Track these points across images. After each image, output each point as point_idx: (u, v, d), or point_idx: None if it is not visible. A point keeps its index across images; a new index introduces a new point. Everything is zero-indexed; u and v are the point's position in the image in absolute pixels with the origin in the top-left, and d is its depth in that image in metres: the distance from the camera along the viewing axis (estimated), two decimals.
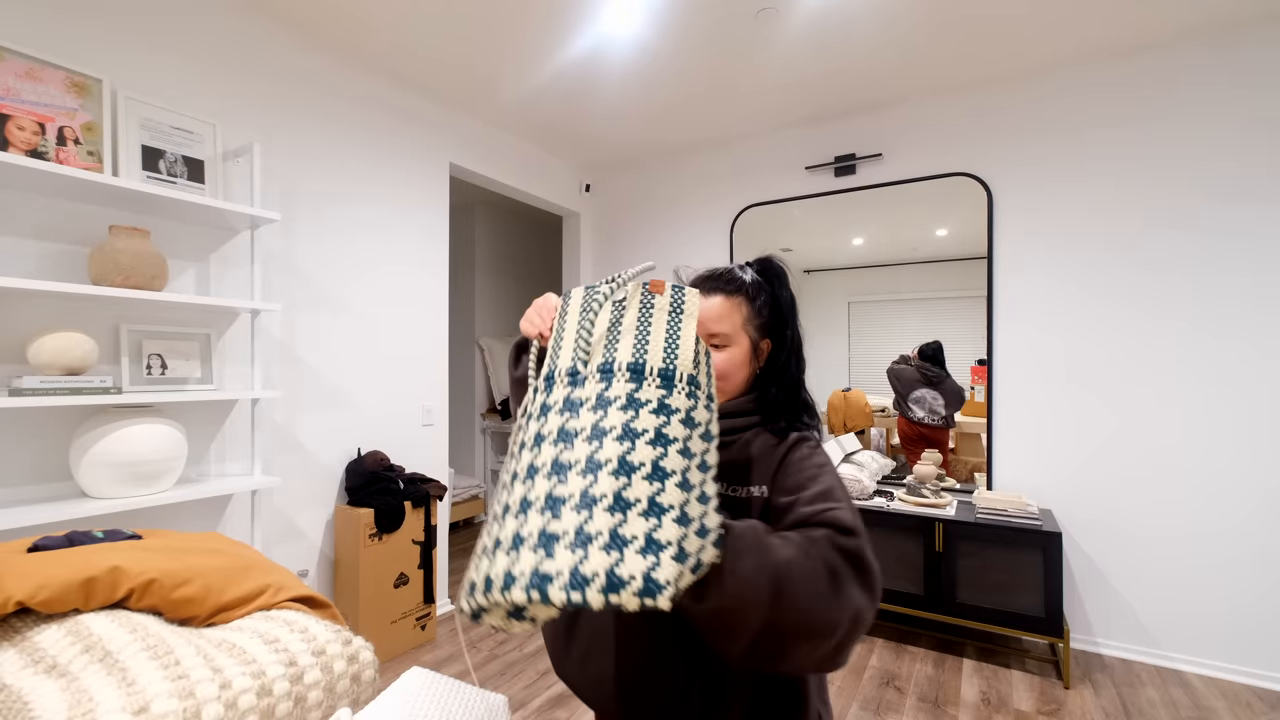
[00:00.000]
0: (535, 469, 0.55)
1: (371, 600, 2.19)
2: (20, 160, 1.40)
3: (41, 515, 1.43)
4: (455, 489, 3.96)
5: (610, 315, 0.65)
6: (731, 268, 0.89)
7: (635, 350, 0.62)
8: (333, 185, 2.30)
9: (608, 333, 0.64)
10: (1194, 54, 2.20)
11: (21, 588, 0.74)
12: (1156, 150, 2.27)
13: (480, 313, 4.44)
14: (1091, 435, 2.37)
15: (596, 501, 0.50)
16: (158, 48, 1.81)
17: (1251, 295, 2.12)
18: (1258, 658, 2.10)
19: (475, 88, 2.61)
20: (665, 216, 3.46)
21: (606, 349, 0.63)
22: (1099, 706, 1.96)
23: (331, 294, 2.30)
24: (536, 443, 0.57)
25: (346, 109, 2.35)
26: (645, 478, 0.51)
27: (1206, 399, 2.18)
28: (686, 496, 0.52)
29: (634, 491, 0.50)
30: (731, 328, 0.83)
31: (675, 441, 0.55)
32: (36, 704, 0.61)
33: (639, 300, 0.66)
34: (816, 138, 2.98)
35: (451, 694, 0.73)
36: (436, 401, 2.74)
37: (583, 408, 0.58)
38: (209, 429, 1.93)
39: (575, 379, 0.61)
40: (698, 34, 2.20)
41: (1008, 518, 2.22)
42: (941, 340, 2.69)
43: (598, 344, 0.64)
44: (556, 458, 0.54)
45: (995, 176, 2.56)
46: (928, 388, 2.71)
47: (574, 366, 0.62)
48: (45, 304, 1.59)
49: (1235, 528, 2.13)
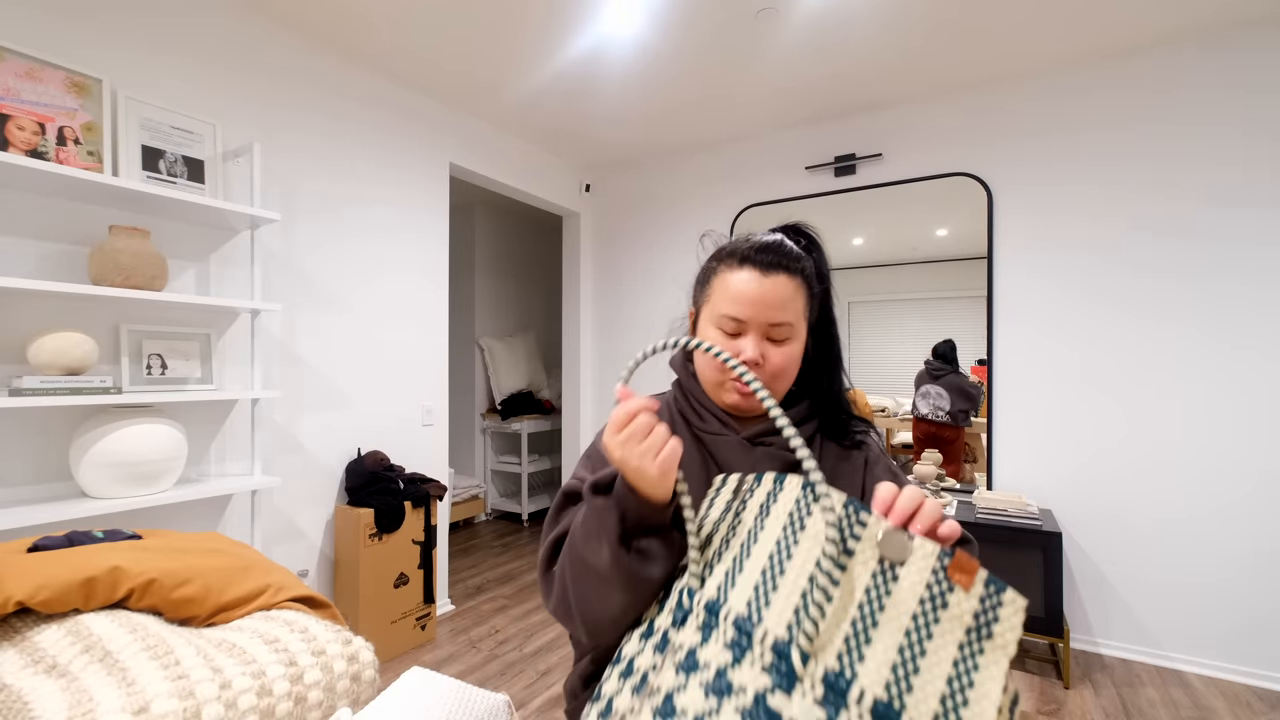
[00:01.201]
0: None
1: (371, 600, 2.19)
2: (20, 160, 1.40)
3: (41, 515, 1.42)
4: (455, 489, 3.96)
5: (835, 573, 0.42)
6: (781, 239, 0.75)
7: (896, 681, 0.39)
8: (333, 185, 2.30)
9: (832, 605, 0.42)
10: (1195, 55, 2.20)
11: (21, 588, 0.74)
12: (1156, 152, 2.27)
13: (480, 313, 4.44)
14: (1092, 435, 2.37)
15: None
16: (158, 48, 1.81)
17: (1251, 298, 2.12)
18: (1258, 658, 2.10)
19: (476, 87, 2.61)
20: (665, 217, 3.46)
21: (844, 650, 0.40)
22: (1099, 706, 1.96)
23: (332, 294, 2.30)
24: (660, 714, 0.41)
25: (347, 108, 2.35)
26: None
27: (1207, 399, 2.18)
28: None
29: None
30: (795, 316, 0.71)
31: None
32: (36, 704, 0.61)
33: (926, 584, 0.42)
34: (816, 138, 2.97)
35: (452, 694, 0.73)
36: (436, 401, 2.74)
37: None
38: (209, 429, 1.93)
39: (778, 659, 0.40)
40: (698, 34, 2.20)
41: (1008, 518, 2.22)
42: (949, 338, 2.67)
43: (832, 629, 0.41)
44: None
45: (995, 177, 2.56)
46: (932, 383, 2.71)
47: (780, 640, 0.41)
48: (45, 304, 1.59)
49: (1235, 527, 2.13)
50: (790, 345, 0.71)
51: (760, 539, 0.48)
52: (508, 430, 4.28)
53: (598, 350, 3.69)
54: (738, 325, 0.71)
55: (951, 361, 2.66)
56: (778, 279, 0.70)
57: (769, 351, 0.71)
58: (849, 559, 0.43)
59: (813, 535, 0.45)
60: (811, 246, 0.78)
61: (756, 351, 0.70)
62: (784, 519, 0.48)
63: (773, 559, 0.46)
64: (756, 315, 0.70)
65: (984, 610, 0.40)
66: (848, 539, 0.44)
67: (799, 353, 0.73)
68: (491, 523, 4.31)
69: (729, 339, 0.72)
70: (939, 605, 0.41)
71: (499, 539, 3.87)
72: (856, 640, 0.40)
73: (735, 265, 0.72)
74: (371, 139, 2.44)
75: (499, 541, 3.81)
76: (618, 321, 3.61)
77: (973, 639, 0.40)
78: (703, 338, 0.74)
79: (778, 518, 0.49)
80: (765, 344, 0.71)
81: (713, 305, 0.74)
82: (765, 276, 0.70)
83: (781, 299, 0.70)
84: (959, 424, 2.65)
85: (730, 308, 0.71)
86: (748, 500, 0.53)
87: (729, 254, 0.74)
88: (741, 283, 0.71)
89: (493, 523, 4.31)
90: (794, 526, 0.47)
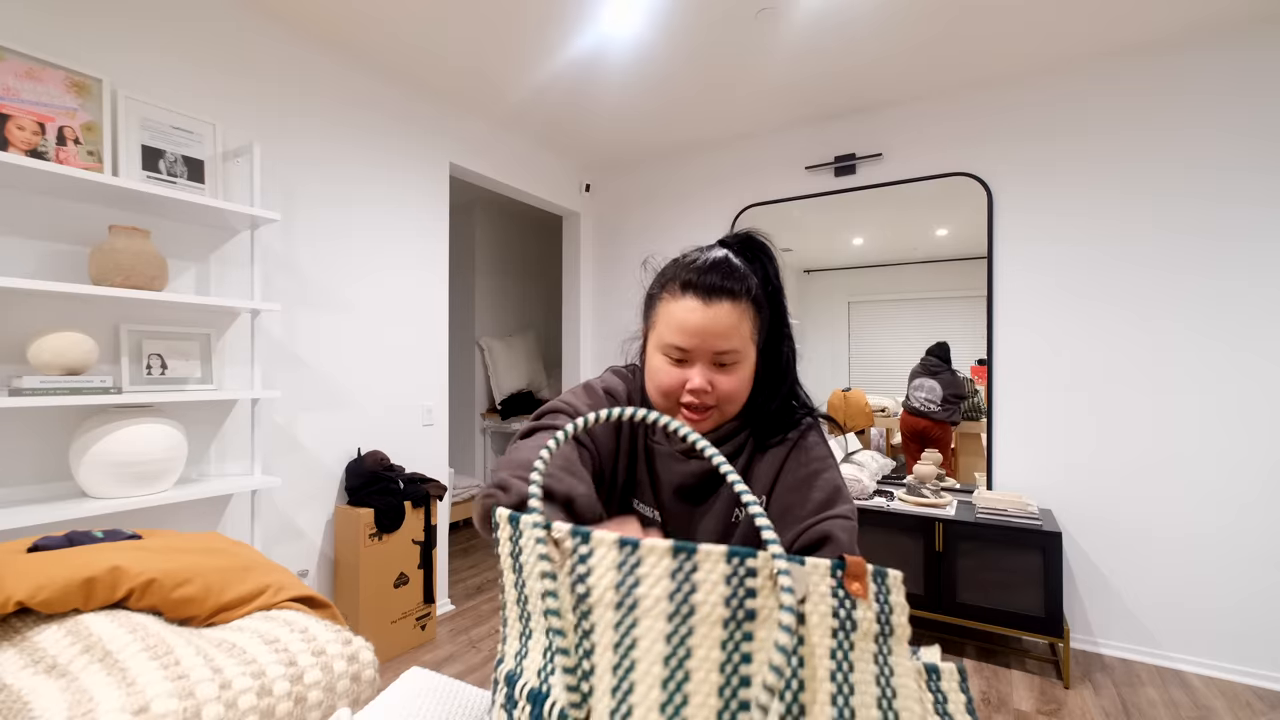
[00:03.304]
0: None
1: (371, 600, 2.19)
2: (20, 160, 1.40)
3: (41, 515, 1.43)
4: (455, 489, 3.96)
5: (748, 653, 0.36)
6: (725, 256, 0.72)
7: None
8: (333, 185, 2.30)
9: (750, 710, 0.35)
10: (1196, 55, 2.20)
11: (21, 587, 0.74)
12: (1157, 151, 2.27)
13: (480, 313, 4.44)
14: (1091, 435, 2.37)
15: None
16: (158, 47, 1.81)
17: (1251, 297, 2.12)
18: (1258, 658, 2.10)
19: (476, 87, 2.61)
20: (665, 216, 3.46)
21: None
22: (1099, 706, 1.96)
23: (332, 294, 2.30)
24: None
25: (347, 109, 2.35)
26: None
27: (1208, 398, 2.18)
28: None
29: None
30: (742, 341, 0.70)
31: None
32: (36, 704, 0.61)
33: (833, 612, 0.38)
34: (816, 137, 2.97)
35: (451, 694, 0.73)
36: (436, 401, 2.74)
37: None
38: (209, 429, 1.93)
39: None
40: (698, 34, 2.20)
41: (1008, 518, 2.22)
42: (943, 340, 2.69)
43: None
44: None
45: (995, 176, 2.56)
46: (925, 377, 2.72)
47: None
48: (45, 304, 1.59)
49: (1235, 527, 2.13)
50: (739, 369, 0.71)
51: (639, 646, 0.37)
52: (508, 430, 4.28)
53: (598, 350, 3.69)
54: (683, 354, 0.70)
55: (946, 362, 2.67)
56: (720, 307, 0.68)
57: (716, 379, 0.70)
58: (752, 623, 0.36)
59: (708, 619, 0.36)
60: (759, 257, 0.76)
61: (704, 380, 0.69)
62: (663, 603, 0.37)
63: (671, 667, 0.36)
64: (701, 344, 0.69)
65: (881, 609, 0.39)
66: (750, 600, 0.36)
67: (748, 374, 0.72)
68: None
69: (675, 365, 0.71)
70: (850, 630, 0.38)
71: None
72: (795, 708, 0.36)
73: (678, 292, 0.70)
74: (371, 139, 2.44)
75: None
76: (618, 321, 3.61)
77: (881, 644, 0.39)
78: (650, 363, 0.75)
79: (652, 605, 0.37)
80: (712, 371, 0.70)
81: (658, 333, 0.73)
82: (708, 306, 0.68)
83: (725, 327, 0.68)
84: (949, 420, 2.65)
85: (675, 337, 0.70)
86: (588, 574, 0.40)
87: (670, 279, 0.72)
88: (685, 312, 0.69)
89: None
90: (681, 614, 0.36)
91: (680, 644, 0.36)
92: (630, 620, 0.37)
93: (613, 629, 0.38)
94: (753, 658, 0.35)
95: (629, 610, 0.37)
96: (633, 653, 0.37)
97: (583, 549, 0.40)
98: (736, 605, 0.36)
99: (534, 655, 0.43)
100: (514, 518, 0.45)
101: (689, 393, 0.70)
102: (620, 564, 0.38)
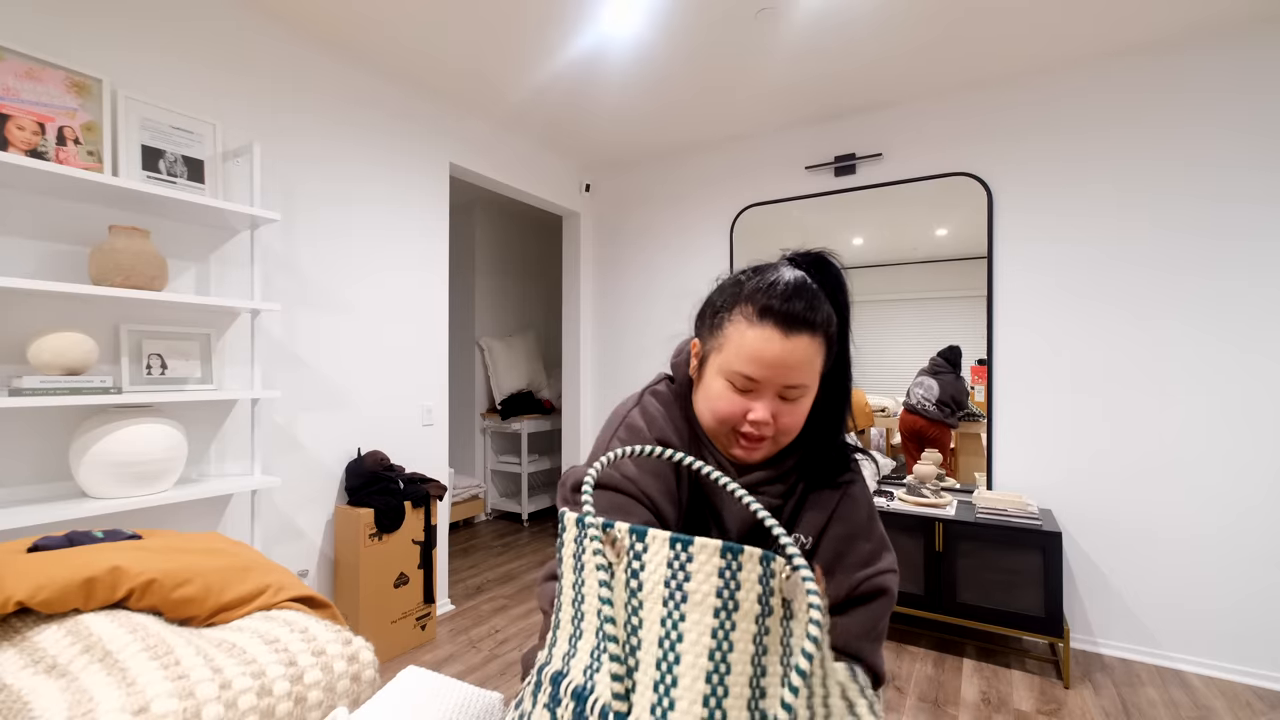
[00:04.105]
0: None
1: (371, 600, 2.19)
2: (20, 160, 1.40)
3: (41, 515, 1.43)
4: (455, 489, 3.96)
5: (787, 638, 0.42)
6: (804, 280, 0.67)
7: None
8: (333, 185, 2.30)
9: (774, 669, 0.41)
10: (1197, 55, 2.20)
11: (21, 587, 0.74)
12: (1158, 151, 2.26)
13: (480, 313, 4.44)
14: (1091, 435, 2.37)
15: None
16: (158, 47, 1.81)
17: (1251, 297, 2.12)
18: (1258, 658, 2.10)
19: (476, 87, 2.61)
20: (665, 216, 3.46)
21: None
22: (1099, 706, 1.96)
23: (332, 294, 2.30)
24: None
25: (347, 108, 2.35)
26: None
27: (1207, 399, 2.18)
28: None
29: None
30: (812, 376, 0.67)
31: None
32: (36, 704, 0.61)
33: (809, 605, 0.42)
34: (816, 137, 2.97)
35: (448, 692, 0.73)
36: (436, 401, 2.74)
37: None
38: (209, 429, 1.93)
39: None
40: (698, 34, 2.20)
41: (1008, 518, 2.22)
42: (955, 344, 2.68)
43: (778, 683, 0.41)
44: None
45: (995, 176, 2.56)
46: (928, 375, 2.72)
47: None
48: (45, 304, 1.59)
49: (1235, 527, 2.13)
50: (802, 402, 0.68)
51: (685, 635, 0.40)
52: (508, 430, 4.28)
53: (598, 350, 3.69)
54: (751, 384, 0.66)
55: (955, 365, 2.67)
56: (799, 340, 0.64)
57: (780, 411, 0.67)
58: (770, 618, 0.41)
59: (749, 615, 0.40)
60: (835, 283, 0.71)
61: (768, 413, 0.66)
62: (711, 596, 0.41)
63: (714, 657, 0.40)
64: (773, 377, 0.65)
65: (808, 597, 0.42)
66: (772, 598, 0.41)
67: (808, 406, 0.69)
68: (491, 523, 4.31)
69: (738, 394, 0.68)
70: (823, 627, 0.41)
71: (499, 539, 3.87)
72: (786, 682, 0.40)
73: (754, 318, 0.66)
74: (371, 139, 2.44)
75: (499, 541, 3.81)
76: (618, 321, 3.61)
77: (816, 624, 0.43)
78: (708, 385, 0.71)
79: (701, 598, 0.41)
80: (777, 402, 0.67)
81: (724, 357, 0.68)
82: (787, 338, 0.64)
83: (801, 360, 0.64)
84: (944, 419, 2.65)
85: (746, 367, 0.66)
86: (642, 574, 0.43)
87: (747, 299, 0.67)
88: (762, 342, 0.64)
89: (493, 523, 4.31)
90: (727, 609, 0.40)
91: (725, 638, 0.39)
92: (679, 614, 0.40)
93: (660, 624, 0.40)
94: (769, 649, 0.40)
95: (678, 604, 0.40)
96: (679, 646, 0.39)
97: (639, 546, 0.43)
98: (763, 601, 0.40)
99: (581, 655, 0.45)
100: (580, 520, 0.47)
101: (750, 424, 0.67)
102: (672, 561, 0.41)
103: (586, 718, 0.42)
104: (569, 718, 0.43)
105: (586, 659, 0.45)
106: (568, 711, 0.43)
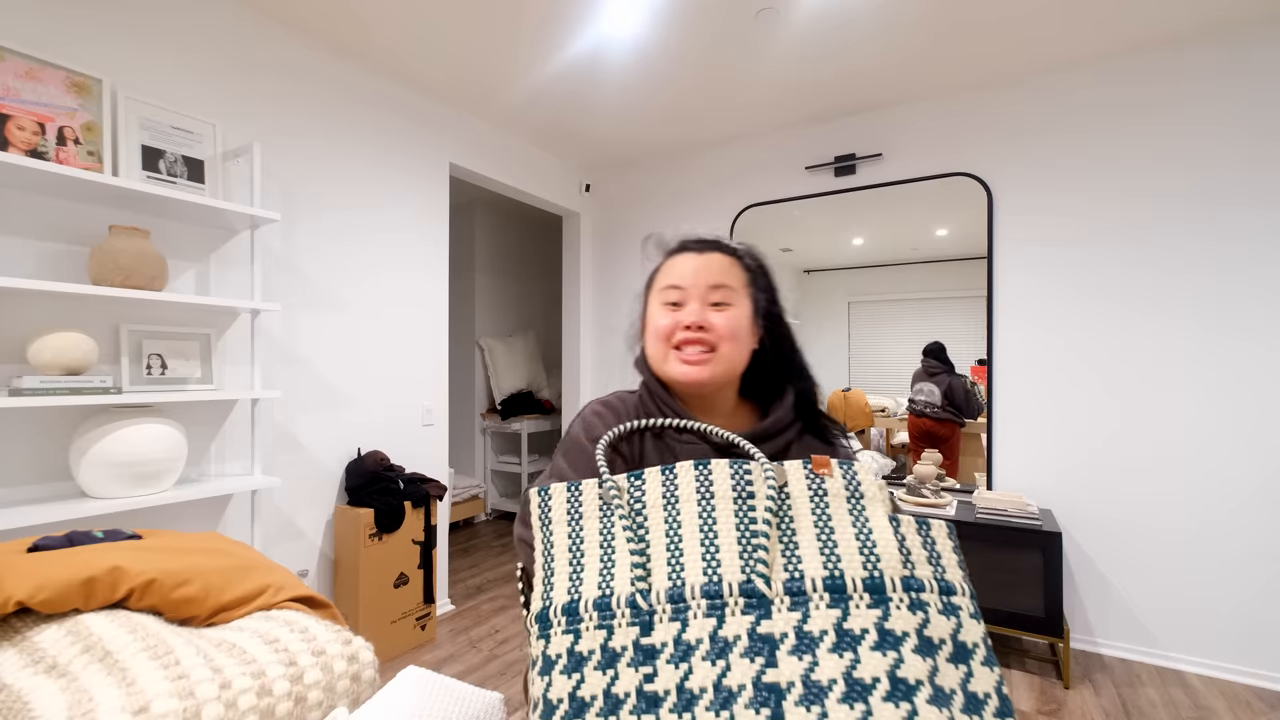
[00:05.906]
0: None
1: (371, 600, 2.19)
2: (20, 160, 1.40)
3: (41, 515, 1.43)
4: (455, 489, 3.96)
5: (751, 511, 0.54)
6: (715, 233, 0.84)
7: (826, 559, 0.50)
8: (333, 185, 2.30)
9: (758, 536, 0.52)
10: (1197, 55, 2.20)
11: (21, 587, 0.74)
12: (1158, 151, 2.26)
13: (480, 313, 4.44)
14: (1091, 435, 2.37)
15: None
16: (158, 47, 1.81)
17: (1252, 296, 2.12)
18: (1258, 658, 2.10)
19: (476, 87, 2.61)
20: (665, 217, 3.45)
21: (785, 561, 0.51)
22: (1099, 706, 1.96)
23: (331, 294, 2.30)
24: (679, 709, 0.46)
25: (347, 109, 2.35)
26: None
27: (1208, 398, 2.18)
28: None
29: None
30: (735, 283, 0.77)
31: (922, 686, 0.44)
32: (36, 704, 0.61)
33: (806, 485, 0.55)
34: (816, 138, 2.97)
35: (447, 692, 0.73)
36: (436, 401, 2.74)
37: (778, 649, 0.46)
38: (209, 429, 1.93)
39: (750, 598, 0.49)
40: (698, 34, 2.20)
41: (1008, 518, 2.22)
42: (942, 340, 2.69)
43: (774, 552, 0.51)
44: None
45: (995, 177, 2.56)
46: (924, 380, 2.72)
47: (743, 583, 0.49)
48: (45, 304, 1.59)
49: (1235, 527, 2.13)
50: (733, 310, 0.75)
51: (682, 519, 0.55)
52: (508, 430, 4.28)
53: (598, 350, 3.69)
54: (679, 294, 0.76)
55: (944, 361, 2.67)
56: (713, 256, 0.77)
57: (711, 316, 0.75)
58: (753, 500, 0.55)
59: (723, 496, 0.55)
60: (755, 254, 0.83)
61: (701, 315, 0.74)
62: (693, 495, 0.56)
63: (704, 530, 0.54)
64: (696, 282, 0.76)
65: (849, 482, 0.55)
66: (750, 485, 0.55)
67: (744, 319, 0.76)
68: (491, 523, 4.31)
69: (673, 310, 0.77)
70: (822, 493, 0.55)
71: (499, 539, 3.87)
72: (790, 549, 0.52)
73: (674, 253, 0.81)
74: (371, 139, 2.44)
75: (499, 541, 3.81)
76: (617, 321, 3.61)
77: (854, 503, 0.54)
78: (650, 322, 0.80)
79: (688, 497, 0.56)
80: (707, 310, 0.75)
81: (656, 289, 0.81)
82: (701, 255, 0.78)
83: (717, 270, 0.75)
84: (953, 417, 2.65)
85: (670, 279, 0.78)
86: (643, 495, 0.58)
87: (664, 246, 0.84)
88: (680, 261, 0.79)
89: (493, 523, 4.31)
90: (705, 498, 0.55)
91: (709, 515, 0.54)
92: (675, 510, 0.56)
93: (663, 521, 0.56)
94: (756, 518, 0.54)
95: (673, 504, 0.56)
96: (680, 530, 0.55)
97: (637, 482, 0.59)
98: (740, 489, 0.55)
99: (590, 577, 0.55)
100: (572, 485, 0.60)
101: (684, 329, 0.74)
102: (664, 481, 0.57)
103: (613, 612, 0.51)
104: (593, 627, 0.51)
105: (595, 578, 0.54)
106: (591, 623, 0.52)
